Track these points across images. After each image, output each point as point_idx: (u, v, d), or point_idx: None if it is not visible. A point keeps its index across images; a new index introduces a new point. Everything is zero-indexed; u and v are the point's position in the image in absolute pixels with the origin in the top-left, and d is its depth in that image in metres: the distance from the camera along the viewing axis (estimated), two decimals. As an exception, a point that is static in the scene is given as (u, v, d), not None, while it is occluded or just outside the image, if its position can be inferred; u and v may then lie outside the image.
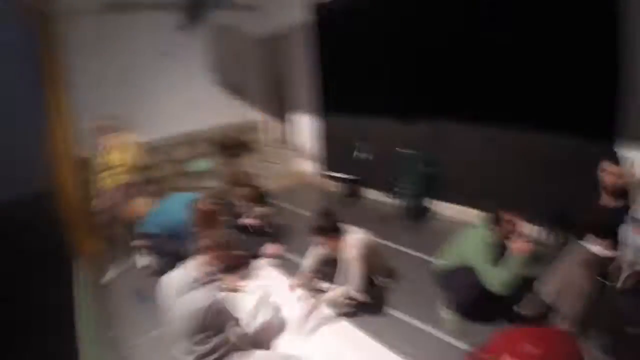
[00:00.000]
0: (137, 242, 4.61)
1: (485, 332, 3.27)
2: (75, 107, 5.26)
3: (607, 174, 3.22)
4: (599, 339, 3.02)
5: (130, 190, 5.14)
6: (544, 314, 3.30)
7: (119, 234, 5.09)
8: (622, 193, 3.22)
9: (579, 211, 3.41)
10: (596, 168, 3.32)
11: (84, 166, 5.48)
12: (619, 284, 2.84)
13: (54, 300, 4.30)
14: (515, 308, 3.42)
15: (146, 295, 4.09)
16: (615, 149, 3.36)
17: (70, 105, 5.15)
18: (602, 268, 3.09)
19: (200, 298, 2.60)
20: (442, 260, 3.66)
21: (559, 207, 3.18)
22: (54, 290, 4.48)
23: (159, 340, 3.46)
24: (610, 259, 3.10)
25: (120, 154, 5.05)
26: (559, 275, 3.20)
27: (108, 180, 5.10)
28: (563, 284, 3.13)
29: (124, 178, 5.11)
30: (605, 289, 2.94)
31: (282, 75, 7.98)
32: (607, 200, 3.31)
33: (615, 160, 3.24)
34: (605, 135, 4.10)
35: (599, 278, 3.02)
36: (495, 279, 3.15)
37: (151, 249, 4.43)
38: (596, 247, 3.14)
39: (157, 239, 4.28)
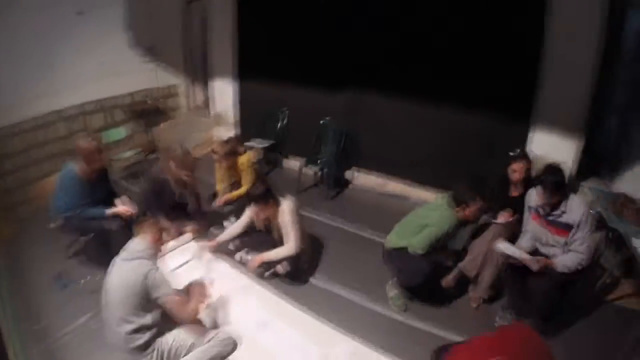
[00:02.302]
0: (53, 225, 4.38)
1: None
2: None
3: (514, 171, 3.55)
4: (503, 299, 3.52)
5: None
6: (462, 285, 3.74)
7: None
8: (526, 184, 3.55)
9: (491, 195, 3.62)
10: (508, 155, 3.64)
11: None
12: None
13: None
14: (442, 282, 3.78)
15: (68, 279, 4.05)
16: (522, 147, 3.67)
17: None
18: (508, 234, 3.46)
19: (138, 267, 2.74)
20: (394, 239, 3.67)
21: (473, 185, 3.42)
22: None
23: (87, 327, 3.49)
24: (513, 225, 3.49)
25: None
26: (477, 251, 3.51)
27: None
28: (482, 259, 3.48)
29: None
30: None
31: (203, 38, 7.68)
32: (514, 190, 3.65)
33: (522, 156, 3.53)
34: (522, 119, 4.48)
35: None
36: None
37: (67, 230, 4.21)
38: (502, 218, 3.52)
39: (69, 219, 4.00)
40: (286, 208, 3.81)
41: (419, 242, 3.37)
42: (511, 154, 3.60)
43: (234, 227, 4.15)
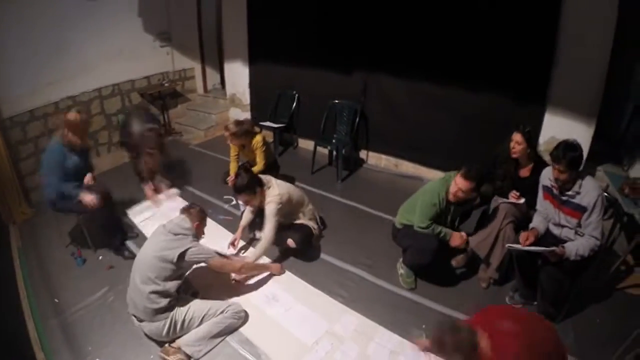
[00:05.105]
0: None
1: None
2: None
3: (515, 143, 3.45)
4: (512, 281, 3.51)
5: None
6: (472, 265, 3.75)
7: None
8: (536, 164, 3.49)
9: (500, 179, 3.66)
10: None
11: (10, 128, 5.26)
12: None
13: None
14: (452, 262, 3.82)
15: (85, 257, 4.16)
16: (525, 124, 3.58)
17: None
18: (518, 214, 3.45)
19: (181, 240, 3.04)
20: (401, 216, 3.72)
21: (483, 167, 3.38)
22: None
23: (104, 300, 3.60)
24: (523, 206, 3.45)
25: None
26: (489, 232, 3.47)
27: None
28: (494, 240, 3.45)
29: None
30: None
31: (218, 21, 7.70)
32: (523, 170, 3.58)
33: (524, 132, 3.46)
34: (536, 101, 4.43)
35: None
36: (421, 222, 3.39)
37: (58, 210, 4.19)
38: (512, 198, 3.47)
39: (55, 201, 4.01)
40: (270, 197, 3.79)
41: (417, 216, 3.40)
42: (514, 129, 3.53)
43: (245, 215, 4.20)
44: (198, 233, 3.26)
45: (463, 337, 1.96)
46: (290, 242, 3.90)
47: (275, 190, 3.82)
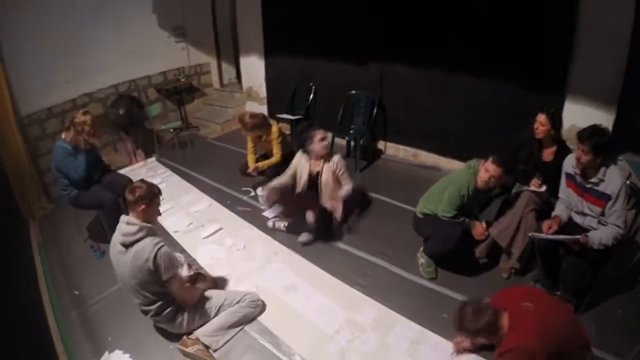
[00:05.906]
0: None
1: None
2: (12, 64, 5.03)
3: (539, 124, 3.41)
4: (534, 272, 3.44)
5: None
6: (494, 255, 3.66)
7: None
8: (558, 148, 3.43)
9: (523, 162, 3.62)
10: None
11: (29, 126, 5.32)
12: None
13: (12, 263, 4.30)
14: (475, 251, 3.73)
15: (105, 249, 4.16)
16: (549, 105, 3.50)
17: (6, 62, 4.94)
18: (540, 203, 3.36)
19: (143, 251, 2.68)
20: (423, 205, 3.68)
21: (505, 154, 3.32)
22: (11, 253, 4.46)
23: (122, 293, 3.58)
24: (545, 194, 3.37)
25: None
26: (511, 221, 3.39)
27: None
28: (516, 229, 3.36)
29: None
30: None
31: (232, 15, 7.69)
32: (546, 155, 3.51)
33: (548, 113, 3.39)
34: (556, 91, 4.31)
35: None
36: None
37: (76, 205, 4.27)
38: (533, 186, 3.40)
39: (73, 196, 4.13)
40: (336, 159, 4.09)
41: (444, 205, 3.36)
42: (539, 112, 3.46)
43: (284, 174, 4.23)
44: (150, 218, 2.85)
45: (486, 321, 2.09)
46: (310, 214, 3.93)
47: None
